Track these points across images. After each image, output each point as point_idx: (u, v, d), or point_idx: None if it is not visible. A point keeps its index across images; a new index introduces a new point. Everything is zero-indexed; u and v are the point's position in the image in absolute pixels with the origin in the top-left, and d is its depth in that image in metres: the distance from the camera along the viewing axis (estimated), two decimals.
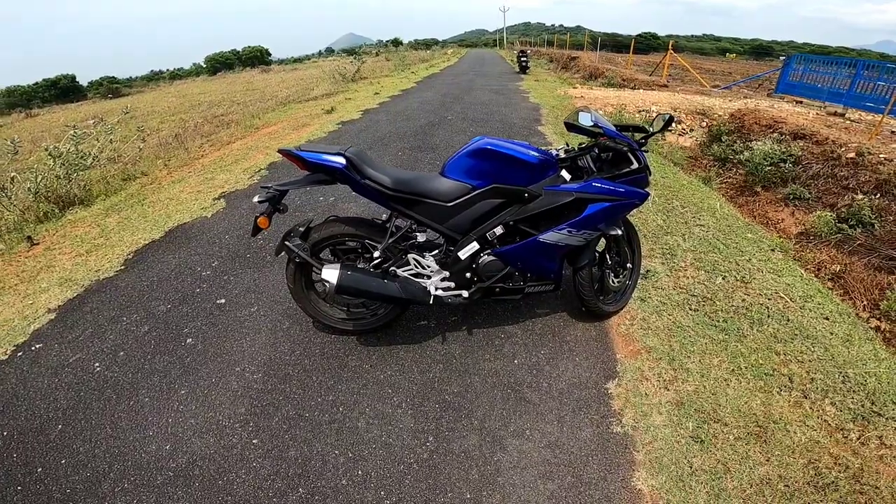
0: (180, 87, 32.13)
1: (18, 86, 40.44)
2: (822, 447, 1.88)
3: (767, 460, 1.82)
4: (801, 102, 10.42)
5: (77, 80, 43.33)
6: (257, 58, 53.96)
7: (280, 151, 2.04)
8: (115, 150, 6.43)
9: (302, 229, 2.17)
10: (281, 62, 54.91)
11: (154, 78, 53.77)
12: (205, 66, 53.35)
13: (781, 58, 13.98)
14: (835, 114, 8.74)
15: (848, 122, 7.97)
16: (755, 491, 1.71)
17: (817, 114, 8.46)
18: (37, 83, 41.45)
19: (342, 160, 1.97)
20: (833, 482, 1.73)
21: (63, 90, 40.69)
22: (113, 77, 47.17)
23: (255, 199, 2.02)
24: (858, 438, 1.92)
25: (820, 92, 10.36)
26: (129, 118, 10.85)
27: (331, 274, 2.04)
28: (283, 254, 2.19)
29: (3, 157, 5.42)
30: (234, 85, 25.01)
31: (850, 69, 9.68)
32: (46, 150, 4.80)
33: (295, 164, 2.02)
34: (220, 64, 51.16)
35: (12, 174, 4.78)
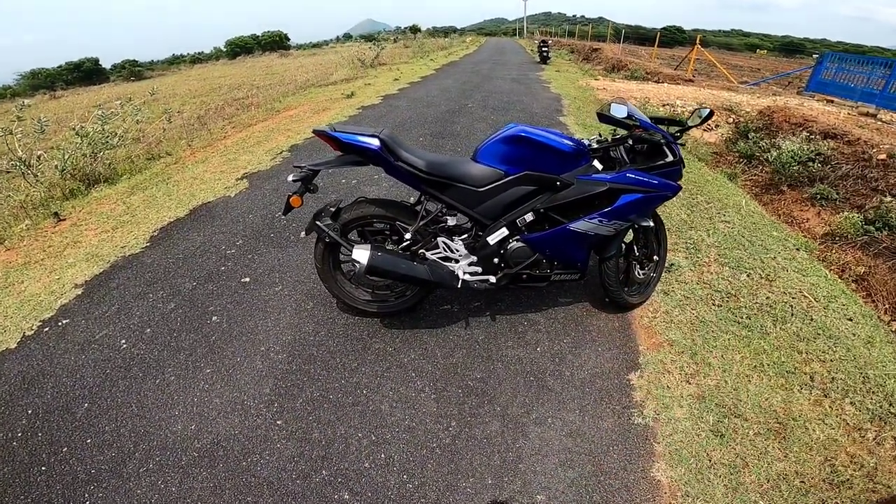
0: (201, 71, 32.29)
1: (43, 68, 40.73)
2: (839, 445, 1.86)
3: (785, 456, 1.81)
4: (831, 101, 10.15)
5: (100, 63, 43.55)
6: (276, 43, 53.87)
7: (315, 132, 2.05)
8: (139, 130, 6.51)
9: (332, 209, 2.16)
10: (300, 47, 54.74)
11: (175, 61, 53.93)
12: (225, 50, 53.48)
13: (815, 55, 13.63)
14: (867, 114, 8.50)
15: (880, 122, 7.74)
16: (772, 486, 1.70)
17: (848, 113, 8.24)
18: (60, 66, 41.48)
19: (376, 142, 1.97)
20: (848, 480, 1.72)
21: (86, 73, 40.89)
22: (135, 60, 47.29)
23: (290, 177, 2.02)
24: (874, 438, 1.90)
25: (853, 91, 10.11)
26: (152, 100, 10.97)
27: (362, 255, 2.04)
28: (312, 233, 2.18)
29: (30, 136, 5.50)
30: (254, 69, 25.07)
31: (885, 69, 9.43)
32: (73, 129, 4.85)
33: (329, 144, 2.02)
34: (240, 48, 51.16)
35: (39, 153, 4.85)
